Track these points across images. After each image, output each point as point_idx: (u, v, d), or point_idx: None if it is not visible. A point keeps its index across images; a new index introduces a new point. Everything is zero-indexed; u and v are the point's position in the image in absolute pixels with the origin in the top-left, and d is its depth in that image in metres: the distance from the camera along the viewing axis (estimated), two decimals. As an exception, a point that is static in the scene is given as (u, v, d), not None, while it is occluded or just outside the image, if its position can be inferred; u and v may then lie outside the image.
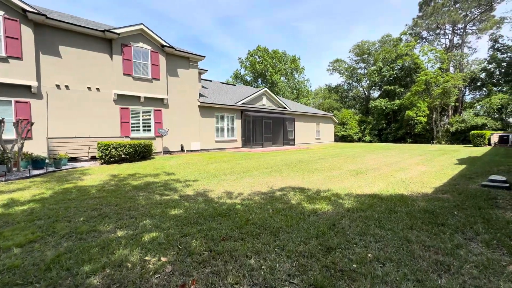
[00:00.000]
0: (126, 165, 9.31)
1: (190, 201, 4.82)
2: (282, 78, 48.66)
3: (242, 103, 17.02)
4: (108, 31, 10.89)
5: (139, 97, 12.26)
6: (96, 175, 7.61)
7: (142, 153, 10.32)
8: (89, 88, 10.87)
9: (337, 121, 29.02)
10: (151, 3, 60.88)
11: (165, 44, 12.69)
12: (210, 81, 21.45)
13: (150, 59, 12.50)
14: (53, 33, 9.99)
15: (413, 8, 58.28)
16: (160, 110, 13.08)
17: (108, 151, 9.16)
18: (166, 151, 13.34)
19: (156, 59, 12.66)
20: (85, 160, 10.08)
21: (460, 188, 5.10)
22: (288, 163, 10.04)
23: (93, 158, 10.30)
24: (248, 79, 49.92)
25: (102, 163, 9.38)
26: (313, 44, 74.73)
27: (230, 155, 12.96)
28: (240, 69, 50.59)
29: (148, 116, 12.78)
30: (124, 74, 11.68)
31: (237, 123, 16.97)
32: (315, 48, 75.35)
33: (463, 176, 6.45)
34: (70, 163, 9.35)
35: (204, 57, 14.61)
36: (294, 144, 20.32)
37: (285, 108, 20.65)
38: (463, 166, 8.18)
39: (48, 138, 9.15)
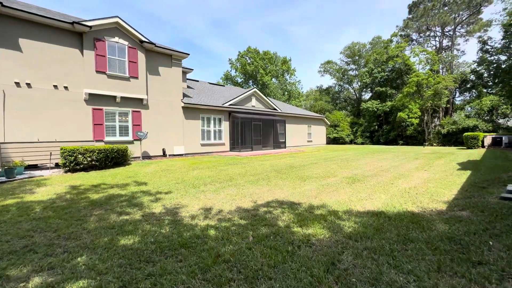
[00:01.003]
0: (95, 173, 8.21)
1: (153, 222, 3.85)
2: (273, 79, 48.03)
3: (230, 104, 16.09)
4: (78, 23, 9.79)
5: (114, 97, 11.15)
6: (53, 186, 6.51)
7: (115, 159, 9.23)
8: (55, 86, 9.71)
9: (329, 123, 28.48)
10: (141, 4, 59.37)
11: (144, 39, 11.65)
12: (197, 81, 20.44)
13: (127, 55, 11.42)
14: (11, 24, 8.82)
15: (401, 12, 59.05)
16: (139, 111, 11.99)
17: (73, 158, 8.04)
18: (146, 156, 12.24)
19: (134, 56, 11.60)
20: (49, 168, 8.90)
21: (477, 202, 4.32)
22: (278, 169, 9.16)
23: (58, 166, 9.13)
24: (239, 80, 49.07)
25: (66, 171, 8.24)
26: (303, 47, 74.74)
27: (215, 160, 12.00)
28: (231, 71, 49.72)
29: (125, 118, 11.67)
30: (97, 71, 10.56)
31: (225, 125, 16.02)
32: (305, 51, 75.36)
33: (473, 185, 5.72)
34: (29, 172, 8.17)
35: (188, 54, 13.63)
36: (285, 147, 19.52)
37: (275, 109, 19.84)
38: (468, 172, 7.51)
39: (1, 143, 7.95)
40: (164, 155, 12.88)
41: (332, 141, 34.66)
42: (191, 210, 4.48)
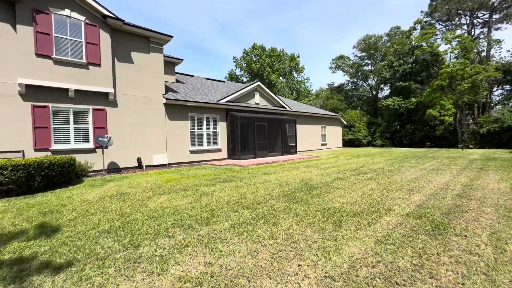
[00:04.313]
0: (2, 205, 5.26)
1: None
2: (281, 78, 44.84)
3: (227, 101, 13.04)
4: (5, -14, 6.96)
5: (66, 90, 8.27)
6: None
7: (49, 177, 6.27)
8: (-28, 74, 6.90)
9: (345, 123, 25.00)
10: (146, 7, 57.69)
11: (107, 13, 8.76)
12: (191, 76, 17.53)
13: (84, 34, 8.54)
14: None
15: (413, 9, 54.75)
16: (103, 110, 9.07)
17: (-34, 180, 5.12)
18: (114, 169, 9.30)
19: (94, 36, 8.71)
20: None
21: None
22: (289, 190, 5.99)
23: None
24: (244, 80, 46.15)
25: (-43, 201, 5.32)
26: (310, 47, 71.34)
27: (204, 173, 8.93)
28: (236, 69, 46.86)
29: (84, 119, 8.77)
30: (38, 54, 7.71)
31: (222, 127, 12.97)
32: (312, 51, 71.88)
33: None
34: None
35: (171, 37, 10.67)
36: (295, 153, 16.28)
37: (284, 107, 16.66)
38: None
39: None
40: (140, 166, 9.91)
41: (347, 143, 31.11)
42: None
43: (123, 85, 9.58)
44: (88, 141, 8.82)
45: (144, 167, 9.98)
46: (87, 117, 8.82)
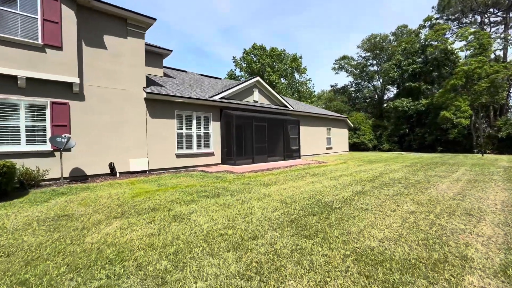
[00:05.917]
0: None
1: None
2: (282, 79, 43.25)
3: (222, 98, 11.36)
4: None
5: (14, 77, 6.60)
6: None
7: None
8: None
9: (351, 125, 23.29)
10: (150, 13, 56.39)
11: (71, -15, 7.12)
12: (185, 71, 15.89)
13: (41, 10, 6.88)
14: None
15: (413, 11, 53.32)
16: (65, 104, 7.38)
17: None
18: (78, 176, 7.59)
19: (54, 12, 7.05)
20: None
21: None
22: (296, 213, 4.25)
23: None
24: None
25: None
26: (311, 48, 70.01)
27: (187, 184, 7.21)
28: (235, 70, 45.30)
29: (40, 114, 7.08)
30: (-26, 31, 6.06)
31: (215, 127, 11.27)
32: (313, 52, 70.54)
33: None
34: None
35: (155, 19, 9.02)
36: (299, 157, 14.55)
37: (286, 106, 14.98)
38: None
39: None
40: (113, 173, 8.19)
41: (352, 146, 29.36)
42: None
43: (93, 75, 7.89)
44: (45, 142, 7.11)
45: (117, 174, 8.26)
46: (44, 113, 7.12)
